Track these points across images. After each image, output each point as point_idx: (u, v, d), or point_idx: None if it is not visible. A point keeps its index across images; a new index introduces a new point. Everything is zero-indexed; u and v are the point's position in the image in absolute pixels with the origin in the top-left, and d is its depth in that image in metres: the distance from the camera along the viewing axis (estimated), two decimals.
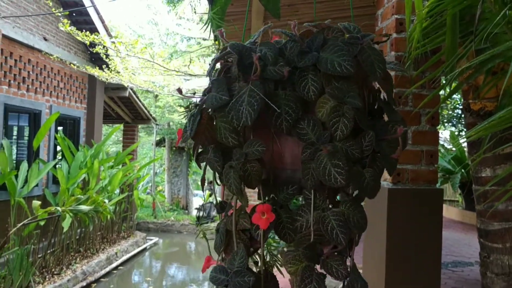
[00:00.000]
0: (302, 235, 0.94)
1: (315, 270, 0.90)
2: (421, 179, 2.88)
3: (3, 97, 7.70)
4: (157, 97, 17.07)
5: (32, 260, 7.09)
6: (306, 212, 0.94)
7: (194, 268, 11.13)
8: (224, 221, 1.05)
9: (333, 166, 0.86)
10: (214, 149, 0.97)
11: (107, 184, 9.72)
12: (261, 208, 0.93)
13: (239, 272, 0.94)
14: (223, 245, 1.04)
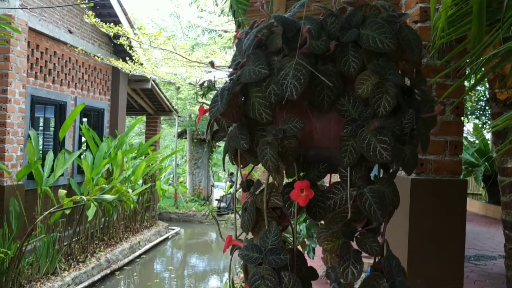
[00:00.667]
0: (335, 213, 0.94)
1: (352, 247, 0.91)
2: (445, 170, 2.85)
3: (30, 88, 7.88)
4: (179, 89, 17.19)
5: (58, 247, 7.27)
6: (340, 190, 0.93)
7: (215, 258, 11.25)
8: (252, 199, 1.05)
9: (378, 142, 0.86)
10: (239, 126, 0.96)
11: (130, 174, 9.88)
12: (300, 184, 0.92)
13: (274, 249, 0.94)
14: (252, 224, 1.03)
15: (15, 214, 6.70)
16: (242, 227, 1.06)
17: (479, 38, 2.13)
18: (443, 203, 2.74)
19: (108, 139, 9.49)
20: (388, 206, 0.91)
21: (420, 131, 0.94)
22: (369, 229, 0.93)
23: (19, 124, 7.40)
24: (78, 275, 7.29)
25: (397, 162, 0.90)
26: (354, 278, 0.89)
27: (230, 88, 0.93)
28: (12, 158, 7.26)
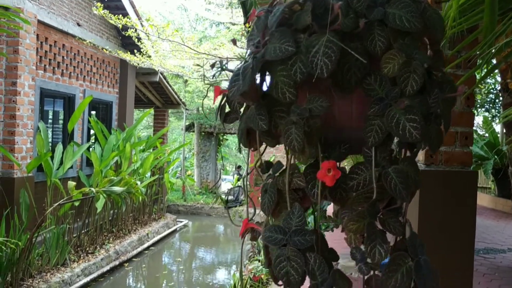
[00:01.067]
0: (358, 193, 0.93)
1: (377, 227, 0.91)
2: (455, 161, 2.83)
3: (39, 81, 7.92)
4: (187, 83, 17.21)
5: (67, 239, 7.34)
6: (363, 170, 0.92)
7: (223, 250, 11.30)
8: (272, 181, 1.03)
9: (407, 121, 0.86)
10: (257, 107, 0.95)
11: (138, 167, 9.92)
12: (327, 164, 0.91)
13: (298, 230, 0.93)
14: (273, 205, 1.02)
15: (25, 206, 6.77)
16: (262, 209, 1.04)
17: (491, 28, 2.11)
18: (453, 194, 2.72)
19: (116, 132, 9.53)
20: (412, 185, 0.91)
21: (443, 111, 0.93)
22: (392, 209, 0.93)
23: (29, 116, 7.45)
24: (88, 266, 7.36)
25: (425, 141, 0.89)
26: (381, 258, 0.88)
27: (254, 66, 0.91)
28: (22, 150, 7.32)
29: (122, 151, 8.95)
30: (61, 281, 6.59)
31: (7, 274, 5.95)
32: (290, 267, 0.91)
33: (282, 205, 1.01)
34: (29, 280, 6.23)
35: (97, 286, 7.31)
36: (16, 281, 6.01)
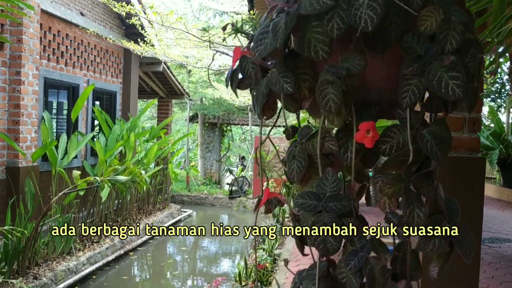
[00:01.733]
0: (391, 157, 0.91)
1: (413, 190, 0.89)
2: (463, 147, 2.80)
3: (43, 71, 7.91)
4: (190, 73, 17.16)
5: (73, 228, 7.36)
6: (397, 133, 0.89)
7: (227, 240, 11.33)
8: (301, 146, 0.99)
9: (450, 78, 0.83)
10: (281, 68, 0.90)
11: (143, 157, 9.93)
12: (366, 125, 0.88)
13: (334, 196, 0.90)
14: (303, 172, 0.98)
15: (30, 195, 6.78)
16: (290, 176, 1.00)
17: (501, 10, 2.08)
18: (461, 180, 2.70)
19: (120, 122, 9.53)
20: (446, 147, 0.88)
21: (476, 72, 0.91)
22: (424, 172, 0.90)
23: (33, 106, 7.44)
24: (93, 255, 7.39)
25: (465, 99, 0.87)
26: (420, 220, 0.86)
27: (288, 22, 0.85)
28: (27, 140, 7.33)
29: (126, 141, 8.95)
30: (67, 269, 6.63)
31: (13, 262, 5.98)
32: (327, 234, 0.89)
33: (312, 172, 0.97)
34: (35, 268, 6.27)
35: (103, 274, 7.35)
36: (22, 269, 6.05)
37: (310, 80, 0.92)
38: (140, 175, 8.30)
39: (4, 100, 7.04)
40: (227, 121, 18.46)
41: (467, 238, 0.88)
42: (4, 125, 7.06)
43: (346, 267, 0.88)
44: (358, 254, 0.89)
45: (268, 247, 6.99)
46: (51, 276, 6.27)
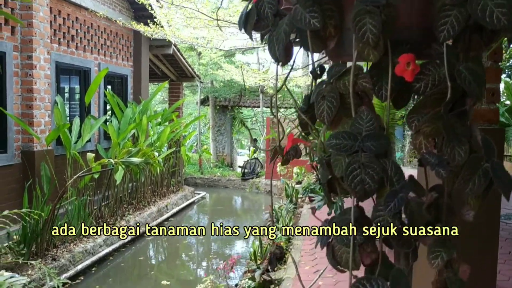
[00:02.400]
0: (426, 95, 0.87)
1: None
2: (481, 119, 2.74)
3: (54, 55, 7.92)
4: (200, 55, 17.08)
5: (88, 211, 7.45)
6: (432, 70, 0.85)
7: (241, 221, 11.40)
8: (331, 86, 0.93)
9: (495, 6, 0.79)
10: (305, 3, 0.86)
11: (155, 140, 9.97)
12: (406, 57, 0.84)
13: (371, 135, 0.86)
14: (335, 112, 0.92)
15: (46, 179, 6.85)
16: (320, 118, 0.95)
17: None
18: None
19: (132, 105, 9.55)
20: (482, 83, 0.85)
21: None
22: (458, 112, 0.87)
23: (46, 90, 7.47)
24: (109, 237, 7.48)
25: (509, 29, 0.82)
26: (461, 159, 0.83)
27: None
28: (41, 124, 7.38)
29: (139, 123, 8.97)
30: (84, 250, 6.72)
31: (32, 244, 6.07)
32: (365, 174, 0.84)
33: (342, 113, 0.94)
34: (53, 250, 6.37)
35: (119, 255, 7.44)
36: (41, 251, 6.14)
37: (336, 17, 0.87)
38: (154, 156, 8.33)
39: (17, 84, 7.07)
40: (238, 103, 18.42)
41: (504, 176, 0.85)
42: (18, 110, 7.11)
43: (385, 209, 0.85)
44: (397, 195, 0.84)
45: (282, 226, 7.01)
46: (69, 257, 6.37)
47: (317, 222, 3.81)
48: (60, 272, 5.97)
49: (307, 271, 4.98)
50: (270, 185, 6.91)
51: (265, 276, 5.24)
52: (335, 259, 0.93)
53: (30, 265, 5.73)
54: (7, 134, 6.92)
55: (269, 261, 2.56)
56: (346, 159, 0.86)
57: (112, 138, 8.25)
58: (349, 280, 0.88)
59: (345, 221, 0.89)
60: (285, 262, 5.90)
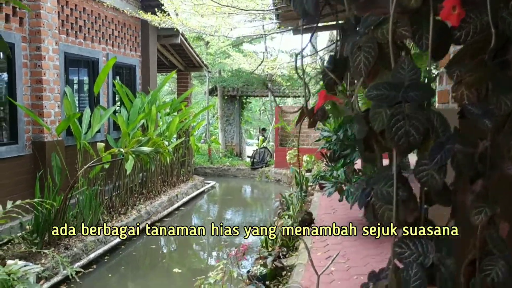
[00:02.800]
0: (467, 44, 0.83)
1: None
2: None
3: (63, 45, 7.92)
4: (208, 44, 17.02)
5: (99, 201, 7.48)
6: (473, 17, 0.82)
7: (251, 209, 11.42)
8: (368, 35, 0.89)
9: None
10: None
11: (165, 130, 9.97)
12: (451, 1, 0.80)
13: (414, 84, 0.82)
14: (373, 63, 0.88)
15: (57, 169, 6.89)
16: (356, 70, 0.91)
17: None
18: None
19: (141, 95, 9.54)
20: None
21: None
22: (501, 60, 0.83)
23: (55, 81, 7.49)
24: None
25: None
26: (508, 108, 0.79)
27: None
28: (51, 115, 7.41)
29: (148, 113, 8.97)
30: (96, 240, 6.76)
31: (45, 234, 6.12)
32: (409, 126, 0.81)
33: (380, 64, 0.89)
34: (66, 240, 6.41)
35: (131, 244, 7.49)
36: (54, 241, 6.19)
37: None
38: (164, 145, 8.34)
39: (26, 75, 7.09)
40: (246, 93, 18.36)
41: None
42: (28, 101, 7.14)
43: (431, 162, 0.81)
44: (444, 146, 0.81)
45: (293, 213, 7.00)
46: (82, 246, 6.41)
47: (327, 210, 3.85)
48: (73, 261, 6.02)
49: (319, 257, 4.97)
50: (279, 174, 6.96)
51: (276, 262, 5.24)
52: (375, 218, 0.90)
53: (43, 254, 5.78)
54: (18, 125, 6.96)
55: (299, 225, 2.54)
56: (388, 111, 0.82)
57: (122, 128, 8.26)
58: (393, 239, 0.85)
59: (386, 178, 0.86)
60: (296, 249, 5.90)
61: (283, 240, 5.97)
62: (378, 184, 0.87)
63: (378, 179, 0.87)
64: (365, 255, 5.06)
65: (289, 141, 14.76)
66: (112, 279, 6.24)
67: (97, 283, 6.09)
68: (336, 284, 4.28)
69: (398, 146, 0.82)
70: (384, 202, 0.87)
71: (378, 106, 0.85)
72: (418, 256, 0.83)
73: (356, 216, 6.79)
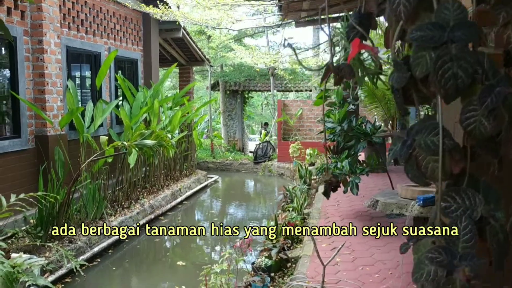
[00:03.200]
0: None
1: None
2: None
3: (64, 39, 7.88)
4: (210, 38, 16.97)
5: (103, 195, 7.47)
6: None
7: (254, 203, 11.41)
8: None
9: None
10: None
11: (167, 124, 9.95)
12: None
13: (462, 23, 0.77)
14: (413, 4, 0.83)
15: (60, 163, 6.88)
16: (395, 13, 0.85)
17: None
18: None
19: (143, 89, 9.52)
20: None
21: None
22: None
23: (57, 74, 7.46)
24: (124, 219, 7.52)
25: None
26: None
27: None
28: (53, 109, 7.38)
29: (150, 107, 8.95)
30: (100, 233, 6.76)
31: (49, 227, 6.11)
32: (457, 67, 0.76)
33: (420, 6, 0.84)
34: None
35: (135, 238, 7.48)
36: (58, 234, 6.18)
37: None
38: (167, 138, 8.31)
39: (28, 69, 7.07)
40: (248, 87, 18.31)
41: None
42: (30, 95, 7.12)
43: (480, 106, 0.77)
44: (494, 89, 0.77)
45: (297, 206, 6.98)
46: (85, 240, 6.41)
47: (331, 202, 3.80)
48: (77, 254, 6.02)
49: (324, 249, 4.95)
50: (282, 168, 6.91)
51: (281, 254, 5.23)
52: (419, 171, 0.85)
53: (48, 247, 5.77)
54: (21, 119, 6.94)
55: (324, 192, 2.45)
56: (433, 53, 0.78)
57: (125, 121, 8.24)
58: (439, 189, 0.81)
59: (430, 127, 0.81)
60: (300, 241, 5.89)
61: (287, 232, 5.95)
62: (421, 134, 0.83)
63: (420, 129, 0.82)
64: (371, 246, 5.04)
65: (292, 135, 14.73)
66: (117, 272, 6.24)
67: (102, 276, 6.08)
68: (342, 275, 4.26)
69: (445, 91, 0.77)
70: (429, 152, 0.82)
71: (421, 49, 0.80)
72: (465, 209, 0.79)
73: (360, 208, 6.77)
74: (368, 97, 9.88)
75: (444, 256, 0.76)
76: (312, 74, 16.53)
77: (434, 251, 0.77)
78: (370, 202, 4.34)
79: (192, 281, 5.57)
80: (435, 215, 0.82)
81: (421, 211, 3.43)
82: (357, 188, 5.58)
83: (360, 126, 5.75)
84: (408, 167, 0.85)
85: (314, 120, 14.74)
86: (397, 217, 6.14)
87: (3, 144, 6.59)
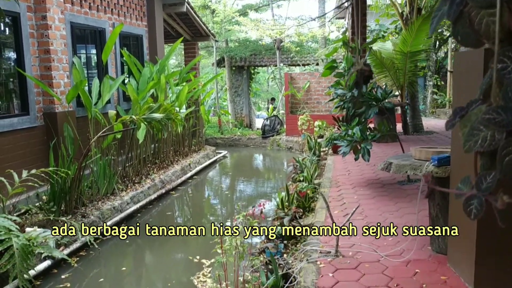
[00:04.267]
0: None
1: None
2: None
3: (68, 15, 7.80)
4: (214, 13, 16.75)
5: (113, 171, 7.49)
6: None
7: (264, 177, 11.41)
8: None
9: None
10: None
11: (174, 99, 9.90)
12: None
13: None
14: None
15: (69, 139, 6.88)
16: None
17: None
18: None
19: (149, 65, 9.44)
20: None
21: None
22: None
23: (63, 51, 7.40)
24: (136, 194, 7.55)
25: None
26: None
27: None
28: (60, 85, 7.35)
29: (157, 82, 8.89)
30: (112, 208, 6.80)
31: (61, 203, 6.15)
32: None
33: None
34: (82, 208, 6.44)
35: (147, 212, 7.52)
36: (70, 209, 6.22)
37: None
38: (175, 112, 8.28)
39: (33, 46, 7.01)
40: (254, 62, 18.15)
41: None
42: (36, 72, 7.08)
43: None
44: None
45: (307, 176, 6.96)
46: (98, 214, 6.45)
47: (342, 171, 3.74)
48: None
49: (337, 215, 4.93)
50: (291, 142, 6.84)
51: (294, 222, 5.22)
52: (472, 29, 0.76)
53: (61, 222, 5.81)
54: (28, 97, 6.92)
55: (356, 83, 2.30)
56: None
57: (132, 96, 8.21)
58: (495, 48, 0.72)
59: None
60: (312, 210, 5.88)
61: (298, 201, 5.95)
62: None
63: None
64: (383, 211, 5.02)
65: (300, 108, 14.63)
66: (130, 246, 6.29)
67: (115, 249, 6.13)
68: (356, 239, 4.25)
69: None
70: (484, 4, 0.74)
71: None
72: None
73: (371, 176, 6.73)
74: (376, 66, 9.74)
75: (504, 116, 0.71)
76: (319, 46, 16.32)
77: (492, 111, 0.72)
78: (383, 164, 4.29)
79: (206, 249, 5.63)
80: (488, 80, 0.76)
81: (436, 171, 3.38)
82: (369, 155, 5.53)
83: (371, 91, 5.66)
84: (458, 27, 0.77)
85: (322, 92, 14.61)
86: (409, 184, 6.10)
87: (12, 122, 6.59)
